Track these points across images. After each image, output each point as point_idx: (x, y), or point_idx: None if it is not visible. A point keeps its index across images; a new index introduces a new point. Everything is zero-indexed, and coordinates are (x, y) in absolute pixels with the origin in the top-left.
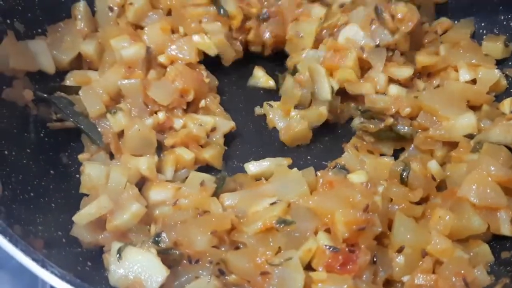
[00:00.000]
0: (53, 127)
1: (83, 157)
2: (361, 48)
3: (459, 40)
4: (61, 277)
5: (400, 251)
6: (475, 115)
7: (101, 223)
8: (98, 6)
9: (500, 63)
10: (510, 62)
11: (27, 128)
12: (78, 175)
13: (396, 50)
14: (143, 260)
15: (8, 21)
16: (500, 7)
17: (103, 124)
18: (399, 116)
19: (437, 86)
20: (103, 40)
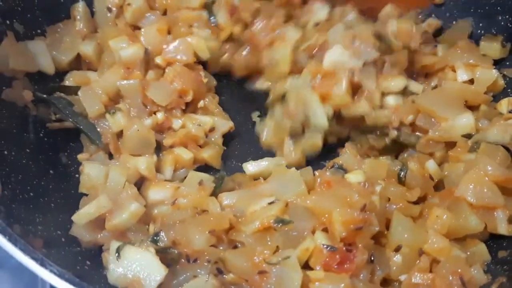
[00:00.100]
0: (52, 127)
1: (82, 157)
2: (350, 71)
3: (456, 40)
4: (59, 275)
5: (397, 250)
6: (473, 115)
7: (100, 223)
8: (97, 6)
9: (497, 63)
10: (507, 62)
11: (27, 128)
12: (78, 175)
13: (385, 62)
14: (141, 259)
15: (8, 21)
16: (498, 8)
17: (102, 124)
18: (402, 126)
19: (434, 87)
20: (102, 41)
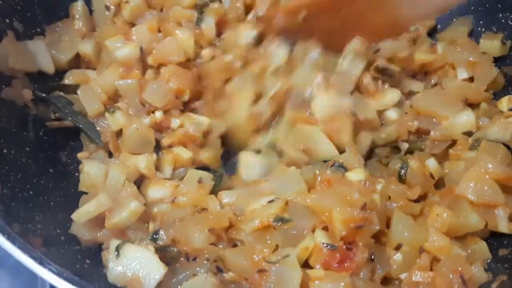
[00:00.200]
0: (52, 126)
1: (82, 155)
2: (353, 114)
3: (456, 38)
4: (58, 274)
5: (398, 248)
6: (474, 113)
7: (99, 221)
8: (95, 5)
9: (498, 61)
10: (508, 60)
11: (26, 127)
12: (77, 174)
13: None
14: (141, 257)
15: (7, 20)
16: (499, 5)
17: (102, 123)
18: (410, 135)
19: (434, 85)
20: (100, 40)
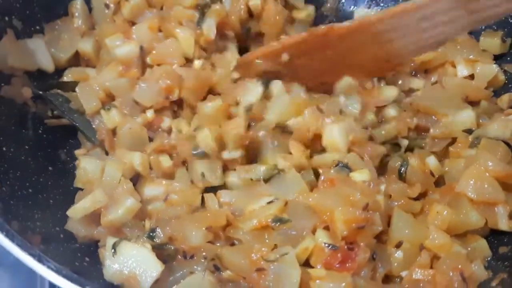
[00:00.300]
0: (50, 123)
1: (79, 152)
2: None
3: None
4: (57, 271)
5: (398, 246)
6: (474, 111)
7: (95, 218)
8: (95, 3)
9: (498, 59)
10: (508, 58)
11: (26, 125)
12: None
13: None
14: (137, 255)
15: (7, 18)
16: None
17: (98, 121)
18: (409, 132)
19: (434, 82)
20: (100, 38)
